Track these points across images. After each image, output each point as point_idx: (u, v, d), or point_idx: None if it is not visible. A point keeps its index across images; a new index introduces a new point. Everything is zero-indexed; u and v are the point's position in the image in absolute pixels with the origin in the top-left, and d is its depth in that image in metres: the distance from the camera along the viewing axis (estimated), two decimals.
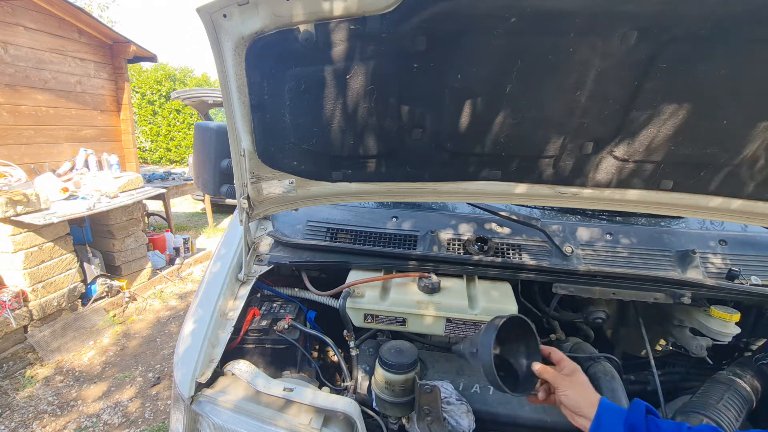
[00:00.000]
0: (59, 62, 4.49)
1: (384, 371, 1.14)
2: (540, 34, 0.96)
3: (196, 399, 1.06)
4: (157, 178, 6.00)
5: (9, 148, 4.04)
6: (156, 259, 4.79)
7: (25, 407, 2.78)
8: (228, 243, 1.57)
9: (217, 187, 1.58)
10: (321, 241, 1.59)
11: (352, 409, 1.02)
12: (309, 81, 1.08)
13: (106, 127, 5.19)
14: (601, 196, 1.38)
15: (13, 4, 3.93)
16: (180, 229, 6.50)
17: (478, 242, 1.53)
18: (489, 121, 1.16)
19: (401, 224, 1.66)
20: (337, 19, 0.94)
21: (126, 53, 5.13)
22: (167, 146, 13.03)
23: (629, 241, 1.59)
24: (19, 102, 4.12)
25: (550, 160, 1.28)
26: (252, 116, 1.15)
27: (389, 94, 1.11)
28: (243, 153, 1.23)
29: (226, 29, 0.96)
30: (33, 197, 3.20)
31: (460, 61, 1.03)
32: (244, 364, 1.15)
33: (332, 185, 1.39)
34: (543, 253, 1.53)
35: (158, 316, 4.05)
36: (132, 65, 6.41)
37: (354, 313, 1.34)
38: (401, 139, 1.23)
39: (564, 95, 1.09)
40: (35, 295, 3.30)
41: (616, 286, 1.40)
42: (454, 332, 1.31)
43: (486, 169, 1.33)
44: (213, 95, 5.87)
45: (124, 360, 3.34)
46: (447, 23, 0.95)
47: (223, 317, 1.30)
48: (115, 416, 2.72)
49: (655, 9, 0.89)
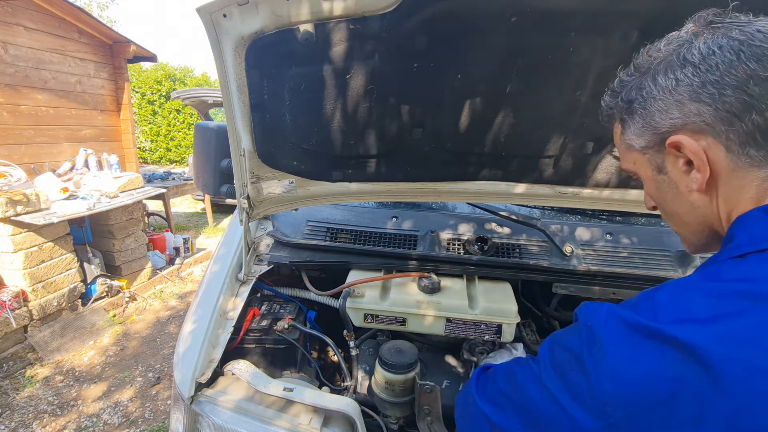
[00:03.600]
0: (59, 62, 4.49)
1: (384, 371, 1.14)
2: (540, 33, 0.96)
3: (196, 399, 1.06)
4: (157, 178, 6.00)
5: (9, 148, 4.04)
6: (156, 259, 4.79)
7: (25, 407, 2.77)
8: (228, 243, 1.57)
9: (217, 187, 1.58)
10: (321, 241, 1.59)
11: (352, 409, 1.02)
12: (309, 81, 1.08)
13: (106, 127, 5.19)
14: (601, 196, 1.38)
15: (13, 4, 3.93)
16: (180, 229, 6.50)
17: (478, 242, 1.53)
18: (489, 120, 1.16)
19: (401, 224, 1.66)
20: (336, 18, 0.94)
21: (126, 53, 5.13)
22: (167, 146, 13.02)
23: (629, 241, 1.59)
24: (19, 102, 4.12)
25: (550, 160, 1.28)
26: (252, 116, 1.15)
27: (389, 93, 1.11)
28: (243, 153, 1.23)
29: (226, 29, 0.96)
30: (33, 197, 3.20)
31: (460, 60, 1.03)
32: (244, 364, 1.15)
33: (332, 185, 1.39)
34: (543, 253, 1.53)
35: (158, 316, 4.05)
36: (132, 65, 6.41)
37: (354, 312, 1.34)
38: (401, 139, 1.23)
39: (564, 95, 1.09)
40: (35, 295, 3.30)
41: (616, 286, 1.40)
42: (454, 332, 1.31)
43: (486, 168, 1.33)
44: (213, 95, 5.87)
45: (124, 360, 3.34)
46: (447, 23, 0.95)
47: (223, 317, 1.30)
48: (115, 416, 2.72)
49: (655, 9, 0.89)
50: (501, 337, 1.29)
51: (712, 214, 0.57)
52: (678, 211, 0.62)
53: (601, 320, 0.52)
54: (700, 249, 0.64)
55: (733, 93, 0.50)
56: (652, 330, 0.47)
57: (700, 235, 0.62)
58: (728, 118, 0.50)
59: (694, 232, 0.63)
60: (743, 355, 0.41)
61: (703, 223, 0.59)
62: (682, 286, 0.51)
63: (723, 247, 0.55)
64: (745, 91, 0.49)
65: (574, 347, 0.53)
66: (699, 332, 0.44)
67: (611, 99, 0.65)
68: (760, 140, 0.50)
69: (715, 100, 0.51)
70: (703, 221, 0.59)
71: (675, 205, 0.61)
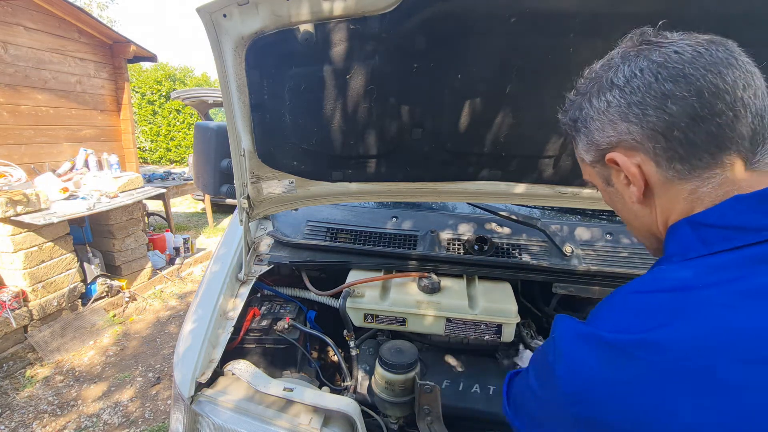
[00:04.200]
0: (59, 62, 4.49)
1: (384, 371, 1.14)
2: (540, 34, 0.97)
3: (196, 399, 1.06)
4: (157, 178, 5.99)
5: (9, 148, 4.04)
6: (156, 259, 4.79)
7: (25, 407, 2.78)
8: (228, 243, 1.57)
9: (217, 187, 1.58)
10: (321, 241, 1.59)
11: (352, 409, 1.02)
12: (309, 81, 1.08)
13: (106, 127, 5.19)
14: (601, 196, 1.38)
15: (13, 3, 3.93)
16: (180, 229, 6.50)
17: (478, 242, 1.53)
18: (489, 121, 1.16)
19: (401, 224, 1.66)
20: (336, 19, 0.94)
21: (126, 53, 5.13)
22: (167, 146, 13.02)
23: (629, 241, 1.59)
24: (19, 102, 4.12)
25: (550, 160, 1.28)
26: (252, 116, 1.15)
27: (389, 94, 1.11)
28: (243, 153, 1.23)
29: (226, 29, 0.96)
30: (33, 197, 3.20)
31: (460, 61, 1.04)
32: (244, 364, 1.15)
33: (332, 185, 1.39)
34: (543, 253, 1.53)
35: (158, 316, 4.05)
36: (132, 65, 6.41)
37: (354, 312, 1.34)
38: (401, 139, 1.23)
39: (564, 95, 1.09)
40: (35, 295, 3.30)
41: (616, 286, 1.40)
42: (454, 332, 1.31)
43: (486, 169, 1.33)
44: (213, 95, 5.86)
45: (124, 360, 3.34)
46: (447, 23, 0.95)
47: (223, 317, 1.30)
48: (115, 416, 2.72)
49: (655, 9, 0.89)
50: (501, 337, 1.29)
51: (653, 223, 0.61)
52: (628, 219, 0.67)
53: (561, 331, 0.56)
54: (656, 253, 0.67)
55: (654, 112, 0.53)
56: (594, 336, 0.51)
57: (649, 240, 0.66)
58: (654, 136, 0.54)
59: (644, 238, 0.67)
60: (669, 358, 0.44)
61: (648, 230, 0.63)
62: (619, 297, 0.56)
63: (663, 253, 0.60)
64: (664, 110, 0.53)
65: (546, 354, 0.58)
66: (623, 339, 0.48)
67: (562, 117, 0.70)
68: (683, 155, 0.53)
69: (641, 119, 0.55)
70: (648, 229, 0.63)
71: (625, 213, 0.67)
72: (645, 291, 0.54)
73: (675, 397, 0.43)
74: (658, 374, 0.44)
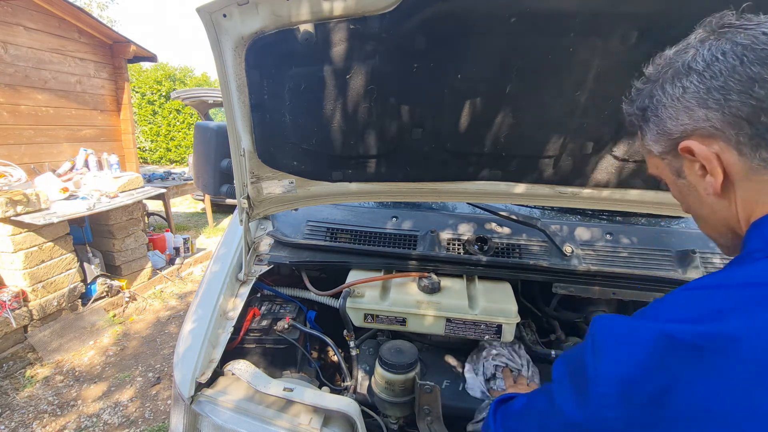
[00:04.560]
0: (59, 62, 4.49)
1: (384, 371, 1.14)
2: (540, 34, 0.96)
3: (196, 399, 1.06)
4: (157, 178, 5.99)
5: (9, 148, 4.04)
6: (156, 259, 4.79)
7: (25, 407, 2.78)
8: (228, 243, 1.57)
9: (217, 187, 1.58)
10: (321, 241, 1.59)
11: (352, 409, 1.02)
12: (309, 81, 1.08)
13: (106, 127, 5.19)
14: (601, 196, 1.38)
15: (13, 3, 3.93)
16: (180, 229, 6.50)
17: (478, 242, 1.53)
18: (489, 121, 1.16)
19: (401, 224, 1.66)
20: (337, 18, 0.94)
21: (126, 53, 5.13)
22: (167, 146, 13.02)
23: (629, 241, 1.59)
24: (19, 102, 4.12)
25: (550, 160, 1.28)
26: (252, 116, 1.15)
27: (389, 94, 1.11)
28: (243, 153, 1.23)
29: (226, 29, 0.96)
30: (33, 197, 3.20)
31: (460, 60, 1.03)
32: (244, 364, 1.15)
33: (332, 185, 1.39)
34: (543, 253, 1.53)
35: (158, 316, 4.05)
36: (132, 65, 6.40)
37: (354, 312, 1.34)
38: (401, 139, 1.23)
39: (564, 95, 1.09)
40: (35, 295, 3.30)
41: (616, 286, 1.40)
42: (454, 332, 1.31)
43: (486, 169, 1.33)
44: (213, 95, 5.87)
45: (124, 360, 3.34)
46: (447, 23, 0.95)
47: (223, 317, 1.30)
48: (115, 416, 2.72)
49: (655, 9, 0.89)
50: (501, 337, 1.29)
51: (731, 217, 0.57)
52: (701, 214, 0.63)
53: (601, 327, 0.54)
54: (731, 251, 0.63)
55: (739, 97, 0.50)
56: (650, 328, 0.49)
57: (725, 237, 0.62)
58: (737, 122, 0.51)
59: (719, 235, 0.63)
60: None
61: (726, 225, 0.60)
62: (685, 289, 0.53)
63: (741, 251, 0.56)
64: (750, 95, 0.49)
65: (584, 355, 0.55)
66: (689, 330, 0.46)
67: (628, 107, 0.66)
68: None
69: (722, 105, 0.51)
70: (726, 224, 0.59)
71: (698, 208, 0.62)
72: (722, 286, 0.50)
73: (752, 390, 0.41)
74: (733, 368, 0.43)
